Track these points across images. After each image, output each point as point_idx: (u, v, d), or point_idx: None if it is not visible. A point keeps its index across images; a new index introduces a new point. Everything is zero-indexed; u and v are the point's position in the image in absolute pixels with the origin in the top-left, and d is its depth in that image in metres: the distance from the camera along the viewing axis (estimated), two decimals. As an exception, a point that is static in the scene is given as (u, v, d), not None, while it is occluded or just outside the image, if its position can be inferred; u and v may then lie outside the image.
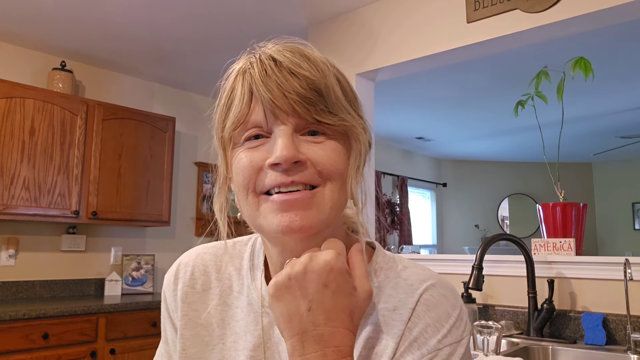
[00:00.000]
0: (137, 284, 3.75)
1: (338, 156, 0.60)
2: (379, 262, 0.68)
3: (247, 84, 0.60)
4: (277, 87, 0.58)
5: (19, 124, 3.10)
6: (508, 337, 1.86)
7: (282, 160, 0.57)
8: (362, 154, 0.63)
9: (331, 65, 0.63)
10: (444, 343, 0.60)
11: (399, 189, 6.53)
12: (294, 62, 0.59)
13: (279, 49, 0.62)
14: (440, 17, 2.50)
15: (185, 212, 4.32)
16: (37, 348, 2.76)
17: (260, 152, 0.60)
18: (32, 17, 3.03)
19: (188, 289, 0.73)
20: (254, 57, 0.63)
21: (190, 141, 4.39)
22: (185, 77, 4.04)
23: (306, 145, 0.59)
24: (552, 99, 2.34)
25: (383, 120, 5.20)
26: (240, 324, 0.69)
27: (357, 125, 0.62)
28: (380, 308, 0.63)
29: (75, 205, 3.29)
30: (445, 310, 0.62)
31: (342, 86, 0.63)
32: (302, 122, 0.59)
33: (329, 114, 0.59)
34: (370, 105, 2.90)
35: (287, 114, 0.59)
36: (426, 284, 0.63)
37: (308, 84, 0.58)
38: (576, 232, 2.07)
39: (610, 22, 2.17)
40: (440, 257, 2.27)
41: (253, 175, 0.60)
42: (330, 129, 0.60)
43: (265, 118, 0.59)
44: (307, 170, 0.59)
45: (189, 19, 3.03)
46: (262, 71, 0.59)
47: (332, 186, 0.60)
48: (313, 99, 0.58)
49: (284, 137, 0.58)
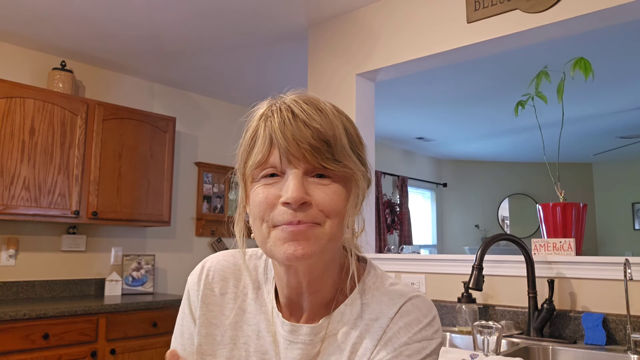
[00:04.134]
0: (137, 284, 3.75)
1: (339, 198, 0.71)
2: (367, 282, 0.79)
3: (268, 131, 0.70)
4: (292, 137, 0.69)
5: (19, 124, 3.10)
6: (508, 337, 1.86)
7: (292, 201, 0.68)
8: (360, 195, 0.74)
9: (341, 115, 0.74)
10: (414, 340, 0.72)
11: (399, 189, 6.54)
12: (308, 114, 0.70)
13: (297, 100, 0.72)
14: (441, 18, 2.50)
15: (185, 212, 4.32)
16: (38, 348, 2.76)
17: (274, 189, 0.71)
18: (32, 17, 3.03)
19: (208, 291, 0.83)
20: (275, 105, 0.73)
21: (190, 141, 4.39)
22: (185, 77, 4.05)
23: (313, 186, 0.70)
24: (552, 99, 2.34)
25: (383, 120, 5.20)
26: (252, 328, 0.80)
27: (358, 172, 0.73)
28: (365, 319, 0.75)
29: (75, 205, 3.29)
30: (417, 317, 0.74)
31: (348, 135, 0.74)
32: (311, 166, 0.70)
33: (334, 161, 0.70)
34: (370, 105, 2.90)
35: (299, 159, 0.69)
36: (405, 298, 0.75)
37: (318, 135, 0.69)
38: (576, 232, 2.07)
39: (610, 22, 2.17)
40: (440, 257, 2.27)
41: (268, 210, 0.71)
42: (334, 174, 0.71)
43: (281, 161, 0.70)
44: (312, 209, 0.69)
45: (189, 19, 3.03)
46: (281, 121, 0.70)
47: (331, 223, 0.70)
48: (321, 149, 0.69)
49: (295, 180, 0.69)
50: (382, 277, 0.80)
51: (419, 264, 2.31)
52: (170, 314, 3.34)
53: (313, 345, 0.76)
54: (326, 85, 2.93)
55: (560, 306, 1.90)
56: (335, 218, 0.70)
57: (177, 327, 0.85)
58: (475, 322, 1.57)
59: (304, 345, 0.76)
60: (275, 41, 3.33)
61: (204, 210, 4.43)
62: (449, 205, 7.44)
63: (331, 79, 2.91)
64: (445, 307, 2.18)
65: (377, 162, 3.47)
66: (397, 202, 6.41)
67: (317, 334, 0.76)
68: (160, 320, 3.29)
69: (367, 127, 2.86)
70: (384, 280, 0.79)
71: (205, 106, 4.52)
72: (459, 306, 1.97)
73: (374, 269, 0.81)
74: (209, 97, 4.56)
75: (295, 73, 3.81)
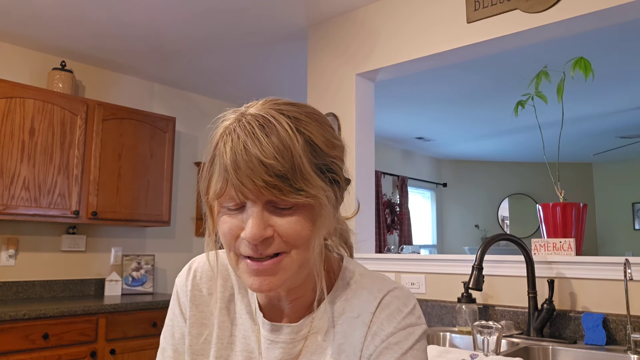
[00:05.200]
0: (137, 284, 3.75)
1: (302, 227, 0.69)
2: (345, 277, 0.79)
3: (223, 166, 0.67)
4: (246, 175, 0.65)
5: (19, 124, 3.10)
6: (508, 337, 1.86)
7: (251, 240, 0.67)
8: (328, 215, 0.71)
9: (306, 125, 0.69)
10: (399, 327, 0.72)
11: (399, 189, 6.53)
12: (262, 145, 0.66)
13: (252, 124, 0.68)
14: (441, 18, 2.50)
15: (185, 212, 4.32)
16: (37, 348, 2.76)
17: (237, 221, 0.69)
18: (32, 17, 3.03)
19: (196, 291, 0.83)
20: (233, 125, 0.70)
21: (190, 141, 4.39)
22: (185, 77, 4.05)
23: (275, 217, 0.68)
24: (552, 99, 2.34)
25: (383, 120, 5.20)
26: (238, 327, 0.81)
27: (322, 196, 0.69)
28: (347, 317, 0.76)
29: (75, 205, 3.29)
30: (397, 307, 0.74)
31: (313, 150, 0.69)
32: (270, 199, 0.67)
33: (295, 193, 0.67)
34: (370, 105, 2.90)
35: (256, 195, 0.66)
36: (384, 292, 0.75)
37: (274, 171, 0.65)
38: (576, 232, 2.07)
39: (610, 22, 2.17)
40: (440, 257, 2.27)
41: (232, 241, 0.70)
42: (296, 202, 0.68)
43: (237, 196, 0.68)
44: (274, 242, 0.68)
45: (188, 19, 3.03)
46: (233, 156, 0.66)
47: (297, 251, 0.69)
48: (278, 184, 0.66)
49: (253, 217, 0.67)
50: (361, 272, 0.80)
51: (419, 264, 2.31)
52: (170, 314, 3.34)
53: (294, 344, 0.76)
54: (326, 85, 2.93)
55: (560, 306, 1.89)
56: (300, 246, 0.69)
57: (166, 327, 0.85)
58: (475, 322, 1.57)
59: (285, 344, 0.76)
60: (275, 41, 3.33)
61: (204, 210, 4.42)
62: (449, 205, 7.44)
63: (331, 79, 2.91)
64: (445, 307, 2.17)
65: (377, 162, 3.46)
66: (397, 202, 6.41)
67: (298, 333, 0.76)
68: (160, 320, 3.28)
69: (367, 127, 2.86)
70: (363, 275, 0.80)
71: (205, 106, 4.52)
72: (459, 306, 1.97)
73: (352, 264, 0.82)
74: (208, 97, 4.56)
75: (295, 73, 3.81)
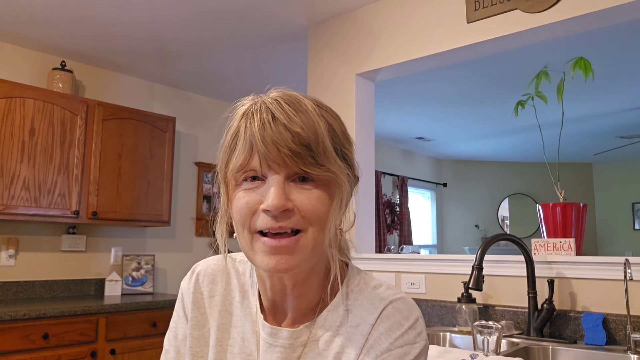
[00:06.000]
0: (137, 284, 3.75)
1: (321, 203, 0.69)
2: (350, 286, 0.78)
3: (248, 134, 0.69)
4: (272, 141, 0.66)
5: (19, 124, 3.10)
6: (508, 337, 1.86)
7: (273, 209, 0.67)
8: (344, 198, 0.73)
9: (325, 113, 0.72)
10: (396, 345, 0.70)
11: (399, 189, 6.53)
12: (288, 116, 0.67)
13: (278, 100, 0.70)
14: (441, 18, 2.50)
15: (185, 212, 4.32)
16: (37, 348, 2.76)
17: (256, 195, 0.69)
18: (32, 17, 3.03)
19: (198, 294, 0.84)
20: (256, 104, 0.71)
21: (190, 141, 4.39)
22: (185, 77, 4.05)
23: (295, 191, 0.69)
24: (552, 99, 2.34)
25: (383, 120, 5.20)
26: (238, 330, 0.81)
27: (341, 174, 0.70)
28: (346, 326, 0.74)
29: (75, 205, 3.29)
30: (397, 321, 0.72)
31: (333, 134, 0.71)
32: (292, 171, 0.68)
33: (317, 165, 0.68)
34: (370, 105, 2.90)
35: (279, 164, 0.67)
36: (385, 302, 0.74)
37: (299, 139, 0.67)
38: (576, 232, 2.07)
39: (610, 22, 2.17)
40: (440, 257, 2.27)
41: (249, 216, 0.69)
42: (317, 177, 0.69)
43: (261, 166, 0.68)
44: (294, 216, 0.68)
45: (189, 19, 3.03)
46: (261, 124, 0.67)
47: (313, 229, 0.69)
48: (302, 153, 0.67)
49: (275, 186, 0.67)
50: (366, 280, 0.79)
51: (419, 264, 2.31)
52: (170, 314, 3.33)
53: (293, 349, 0.75)
54: (326, 85, 2.93)
55: (560, 306, 1.89)
56: (317, 224, 0.69)
57: (171, 329, 0.86)
58: (475, 322, 1.57)
59: (283, 348, 0.75)
60: (275, 41, 3.33)
61: (204, 210, 4.43)
62: (449, 205, 7.44)
63: (331, 79, 2.91)
64: (445, 307, 2.18)
65: (377, 162, 3.47)
66: (397, 202, 6.41)
67: (297, 338, 0.76)
68: (160, 320, 3.29)
69: (367, 127, 2.86)
70: (368, 283, 0.78)
71: (205, 106, 4.52)
72: (459, 306, 1.97)
73: (357, 271, 0.80)
74: (208, 97, 4.56)
75: (295, 73, 3.81)
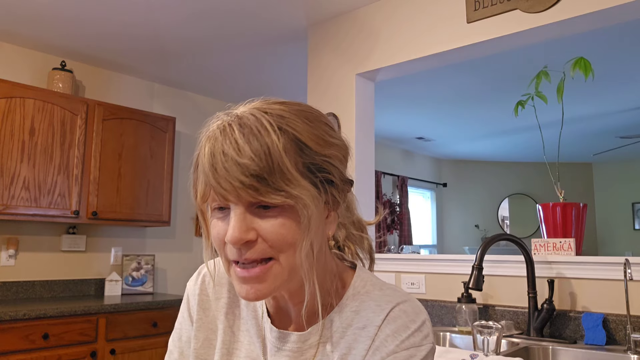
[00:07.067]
0: (137, 284, 3.75)
1: (287, 230, 0.66)
2: (356, 287, 0.77)
3: (203, 168, 0.66)
4: (223, 177, 0.64)
5: (19, 124, 3.10)
6: (508, 337, 1.86)
7: (232, 243, 0.66)
8: (314, 218, 0.67)
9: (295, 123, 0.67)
10: (402, 347, 0.70)
11: (399, 189, 6.54)
12: (238, 146, 0.64)
13: (232, 126, 0.66)
14: (441, 18, 2.50)
15: (185, 212, 4.32)
16: (37, 348, 2.76)
17: (224, 224, 0.68)
18: (32, 17, 3.03)
19: (204, 296, 0.84)
20: (214, 130, 0.67)
21: (190, 141, 4.39)
22: (185, 77, 4.05)
23: (258, 219, 0.66)
24: (552, 99, 2.34)
25: (383, 120, 5.20)
26: (244, 333, 0.81)
27: (305, 197, 0.65)
28: (353, 328, 0.74)
29: (75, 205, 3.29)
30: (404, 323, 0.71)
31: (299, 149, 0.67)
32: (249, 201, 0.65)
33: (274, 193, 0.64)
34: (370, 105, 2.90)
35: (236, 197, 0.65)
36: (392, 304, 0.73)
37: (249, 171, 0.63)
38: (576, 232, 2.07)
39: (610, 22, 2.17)
40: (440, 257, 2.27)
41: (221, 245, 0.69)
42: (279, 203, 0.65)
43: (219, 199, 0.67)
44: (258, 246, 0.66)
45: (188, 19, 3.03)
46: (211, 156, 0.65)
47: (286, 256, 0.67)
48: (254, 185, 0.64)
49: (234, 219, 0.65)
50: (372, 282, 0.78)
51: (419, 264, 2.31)
52: (170, 314, 3.34)
53: (301, 352, 0.75)
54: (326, 85, 2.93)
55: (560, 306, 1.89)
56: (287, 250, 0.67)
57: (175, 330, 0.86)
58: (475, 322, 1.57)
59: (291, 352, 0.75)
60: (275, 41, 3.33)
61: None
62: (449, 205, 7.44)
63: (331, 79, 2.91)
64: (445, 307, 2.18)
65: (377, 162, 3.47)
66: (397, 202, 6.41)
67: (305, 342, 0.75)
68: (160, 320, 3.28)
69: (367, 127, 2.86)
70: (375, 284, 0.77)
71: (205, 106, 4.52)
72: (459, 306, 1.97)
73: (365, 274, 0.79)
74: (208, 97, 4.56)
75: (295, 73, 3.81)
